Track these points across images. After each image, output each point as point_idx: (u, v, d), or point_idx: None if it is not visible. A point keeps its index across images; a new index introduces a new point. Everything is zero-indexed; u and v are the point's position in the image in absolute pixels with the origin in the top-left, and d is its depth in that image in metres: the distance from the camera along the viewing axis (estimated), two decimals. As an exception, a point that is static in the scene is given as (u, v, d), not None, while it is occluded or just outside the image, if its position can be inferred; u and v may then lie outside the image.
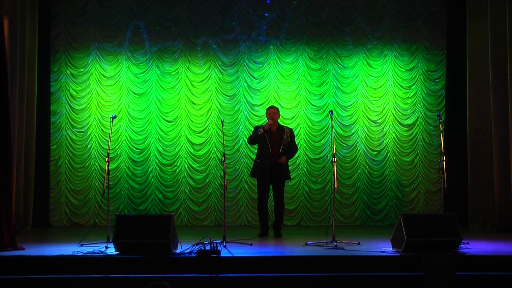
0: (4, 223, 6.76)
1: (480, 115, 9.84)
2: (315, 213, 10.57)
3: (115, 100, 10.51)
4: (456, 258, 6.20)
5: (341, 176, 10.48)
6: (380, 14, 10.76)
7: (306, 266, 6.14)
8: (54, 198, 10.32)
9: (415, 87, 10.74)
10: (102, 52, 10.51)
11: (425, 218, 7.04)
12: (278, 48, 10.68)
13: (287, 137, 8.46)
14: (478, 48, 9.88)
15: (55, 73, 10.44)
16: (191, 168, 10.55)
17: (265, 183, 8.32)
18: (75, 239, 7.46)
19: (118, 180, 10.39)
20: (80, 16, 10.49)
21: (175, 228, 6.57)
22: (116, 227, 6.43)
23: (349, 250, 6.71)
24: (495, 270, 6.15)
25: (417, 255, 6.10)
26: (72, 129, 10.44)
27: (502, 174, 9.10)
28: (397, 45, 10.74)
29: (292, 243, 7.73)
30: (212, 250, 6.10)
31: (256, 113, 10.59)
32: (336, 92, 10.68)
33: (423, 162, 10.68)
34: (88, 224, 10.17)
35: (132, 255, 6.23)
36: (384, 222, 10.53)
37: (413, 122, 10.72)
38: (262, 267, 6.10)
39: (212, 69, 10.63)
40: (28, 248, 6.85)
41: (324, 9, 10.73)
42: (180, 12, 10.62)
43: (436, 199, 10.54)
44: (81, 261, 6.15)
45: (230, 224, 10.15)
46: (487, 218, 9.70)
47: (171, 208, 10.39)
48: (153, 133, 10.54)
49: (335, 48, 10.71)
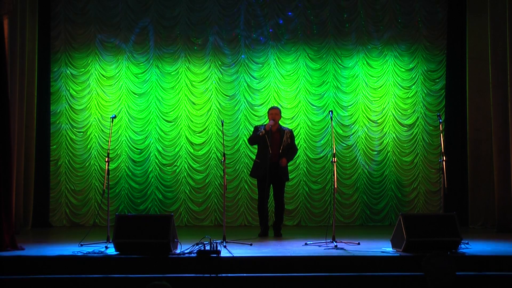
0: (4, 223, 6.76)
1: (480, 115, 9.84)
2: (315, 213, 10.56)
3: (115, 100, 10.52)
4: (456, 258, 6.20)
5: (341, 176, 10.48)
6: (380, 14, 10.75)
7: (306, 266, 6.13)
8: (54, 198, 10.32)
9: (415, 87, 10.74)
10: (102, 52, 10.51)
11: (425, 218, 7.02)
12: (278, 48, 10.68)
13: (287, 138, 8.46)
14: (478, 48, 9.88)
15: (55, 73, 10.44)
16: (191, 168, 10.55)
17: (265, 183, 8.34)
18: (75, 239, 7.46)
19: (118, 180, 10.40)
20: (80, 16, 10.49)
21: (175, 228, 6.57)
22: (116, 227, 6.43)
23: (349, 250, 6.71)
24: (495, 270, 6.15)
25: (417, 255, 6.10)
26: (72, 129, 10.45)
27: (502, 174, 9.10)
28: (397, 45, 10.74)
29: (292, 243, 7.72)
30: (212, 250, 6.10)
31: (256, 113, 10.59)
32: (336, 92, 10.68)
33: (423, 162, 10.68)
34: (88, 224, 10.17)
35: (132, 255, 6.23)
36: (384, 222, 10.53)
37: (413, 122, 10.72)
38: (262, 267, 6.10)
39: (212, 69, 10.63)
40: (28, 248, 6.85)
41: (324, 9, 10.73)
42: (180, 12, 10.62)
43: (436, 199, 10.54)
44: (81, 261, 6.15)
45: (230, 224, 10.15)
46: (487, 218, 9.70)
47: (171, 208, 10.39)
48: (153, 133, 10.54)
49: (335, 48, 10.70)
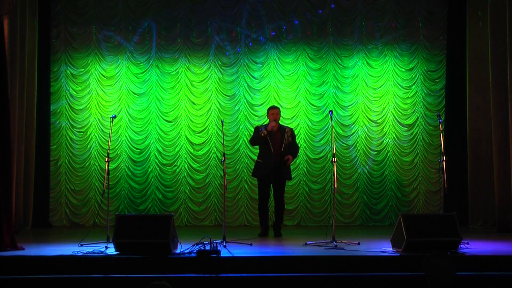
0: (4, 223, 6.76)
1: (480, 115, 9.84)
2: (315, 213, 10.56)
3: (115, 100, 10.51)
4: (456, 258, 6.20)
5: (341, 176, 10.48)
6: (380, 14, 10.75)
7: (306, 266, 6.13)
8: (54, 198, 10.32)
9: (415, 87, 10.73)
10: (102, 52, 10.51)
11: (425, 218, 7.02)
12: (278, 48, 10.67)
13: (288, 137, 8.45)
14: (478, 48, 9.87)
15: (55, 73, 10.44)
16: (191, 168, 10.55)
17: (266, 183, 8.33)
18: (75, 239, 7.46)
19: (118, 180, 10.40)
20: (80, 16, 10.49)
21: (175, 228, 6.57)
22: (116, 227, 6.43)
23: (349, 250, 6.71)
24: (495, 270, 6.14)
25: (417, 255, 6.10)
26: (72, 129, 10.45)
27: (502, 174, 9.10)
28: (397, 45, 10.73)
29: (292, 243, 7.73)
30: (212, 250, 6.10)
31: (256, 113, 10.59)
32: (336, 92, 10.68)
33: (423, 162, 10.67)
34: (88, 224, 10.18)
35: (132, 255, 6.23)
36: (384, 222, 10.53)
37: (413, 122, 10.72)
38: (262, 267, 6.10)
39: (212, 69, 10.63)
40: (28, 248, 6.85)
41: (324, 9, 10.72)
42: (180, 12, 10.62)
43: (436, 199, 10.53)
44: (81, 261, 6.15)
45: (230, 224, 10.15)
46: (487, 218, 9.70)
47: (171, 208, 10.39)
48: (153, 133, 10.54)
49: (335, 48, 10.70)
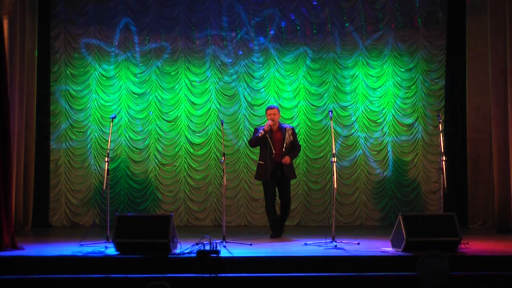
0: (4, 223, 6.77)
1: (480, 115, 9.84)
2: (314, 213, 10.55)
3: (115, 100, 10.51)
4: (456, 258, 6.20)
5: (341, 176, 10.47)
6: (380, 14, 10.75)
7: (306, 266, 6.14)
8: (54, 198, 10.31)
9: (415, 87, 10.72)
10: (102, 52, 10.51)
11: (425, 218, 7.04)
12: (278, 48, 10.67)
13: (289, 136, 8.34)
14: (477, 48, 9.87)
15: (55, 73, 10.43)
16: (191, 168, 10.54)
17: (270, 185, 8.22)
18: (75, 239, 7.47)
19: (118, 180, 10.39)
20: (80, 16, 10.48)
21: (174, 228, 6.58)
22: (116, 227, 6.44)
23: (349, 250, 6.72)
24: (495, 270, 6.15)
25: (417, 255, 6.08)
26: (72, 129, 10.44)
27: (502, 174, 9.10)
28: (396, 45, 10.72)
29: (292, 243, 7.73)
30: (212, 250, 6.11)
31: (256, 113, 10.58)
32: (336, 92, 10.67)
33: (423, 162, 10.67)
34: (88, 224, 10.17)
35: (132, 255, 6.24)
36: (384, 222, 10.52)
37: (413, 122, 10.71)
38: (262, 267, 6.11)
39: (212, 69, 10.62)
40: (28, 248, 6.86)
41: (324, 9, 10.72)
42: (180, 12, 10.61)
43: (436, 199, 10.52)
44: (81, 261, 6.15)
45: (230, 224, 10.15)
46: (487, 218, 9.70)
47: (171, 208, 10.38)
48: (153, 133, 10.54)
49: (335, 48, 10.70)
